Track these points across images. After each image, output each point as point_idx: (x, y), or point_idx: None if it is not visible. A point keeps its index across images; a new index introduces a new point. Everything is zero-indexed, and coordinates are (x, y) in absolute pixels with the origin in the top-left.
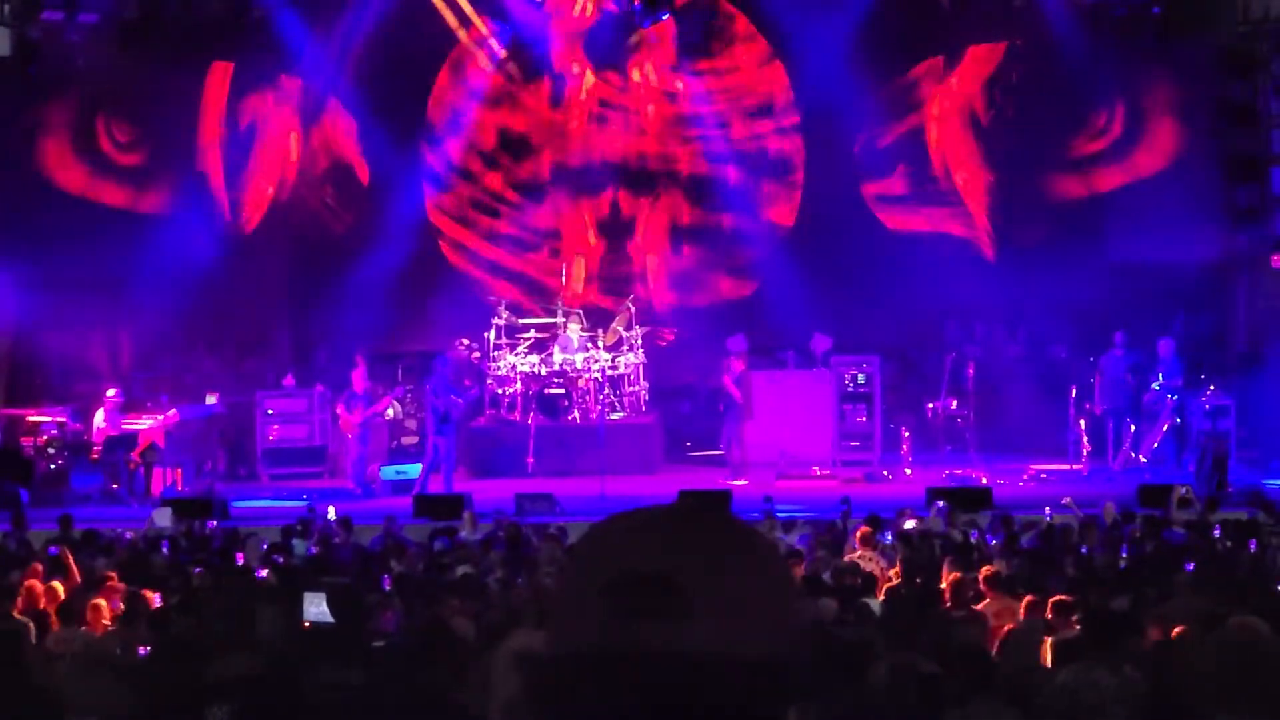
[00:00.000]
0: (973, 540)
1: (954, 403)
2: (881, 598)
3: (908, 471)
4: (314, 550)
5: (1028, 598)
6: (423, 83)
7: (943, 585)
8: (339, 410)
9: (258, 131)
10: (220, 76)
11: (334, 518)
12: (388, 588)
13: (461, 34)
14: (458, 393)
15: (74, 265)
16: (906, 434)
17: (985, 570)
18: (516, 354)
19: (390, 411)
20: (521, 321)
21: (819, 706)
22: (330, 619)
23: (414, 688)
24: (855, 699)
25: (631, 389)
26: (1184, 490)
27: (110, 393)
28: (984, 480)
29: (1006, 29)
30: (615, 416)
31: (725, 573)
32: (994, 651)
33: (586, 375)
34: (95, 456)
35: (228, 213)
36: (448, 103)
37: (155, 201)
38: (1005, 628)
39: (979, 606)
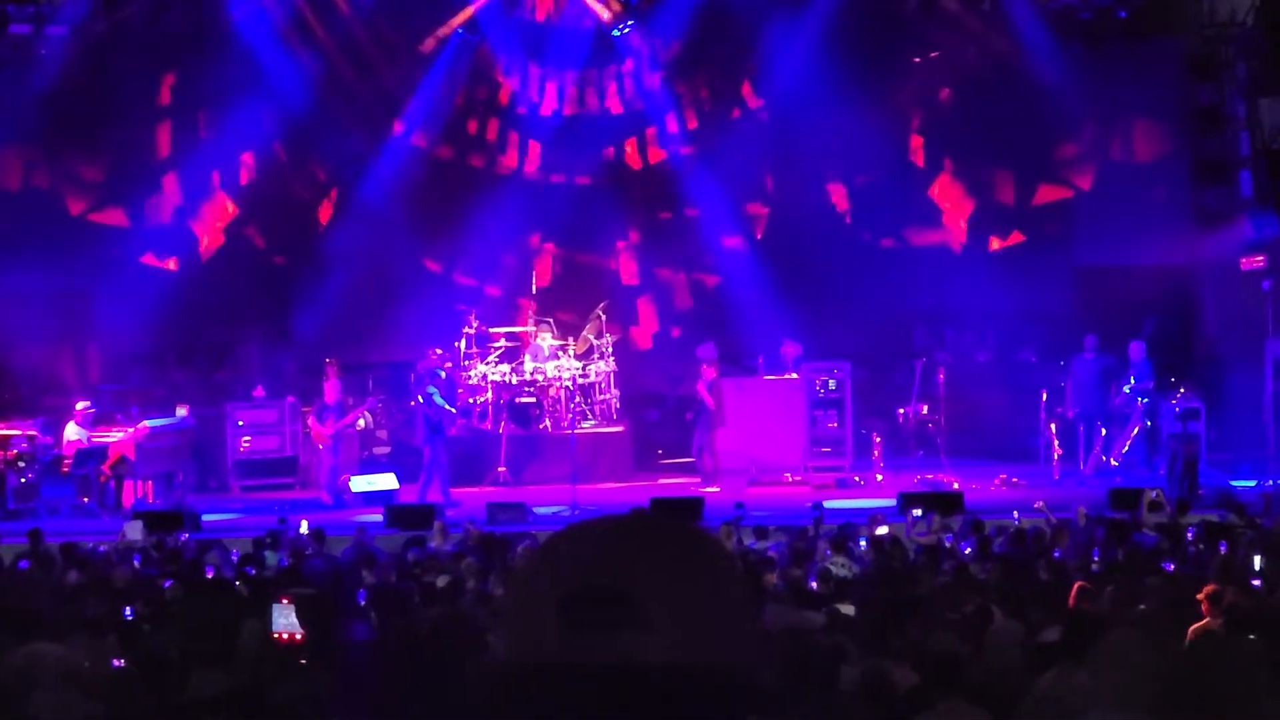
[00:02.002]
0: (946, 545)
1: (925, 408)
2: (853, 603)
3: (879, 477)
4: (286, 562)
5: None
6: (392, 91)
7: (917, 590)
8: (310, 422)
9: (217, 146)
10: (178, 89)
11: (306, 531)
12: (361, 598)
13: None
14: (449, 401)
15: (41, 278)
16: (878, 439)
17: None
18: (487, 363)
19: (361, 422)
20: (492, 330)
21: (791, 713)
22: (300, 630)
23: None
24: (826, 705)
25: (602, 397)
26: (1155, 493)
27: (80, 405)
28: (955, 485)
29: (973, 33)
30: (586, 425)
31: (682, 583)
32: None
33: (557, 384)
34: (66, 470)
35: (190, 228)
36: (416, 111)
37: (121, 214)
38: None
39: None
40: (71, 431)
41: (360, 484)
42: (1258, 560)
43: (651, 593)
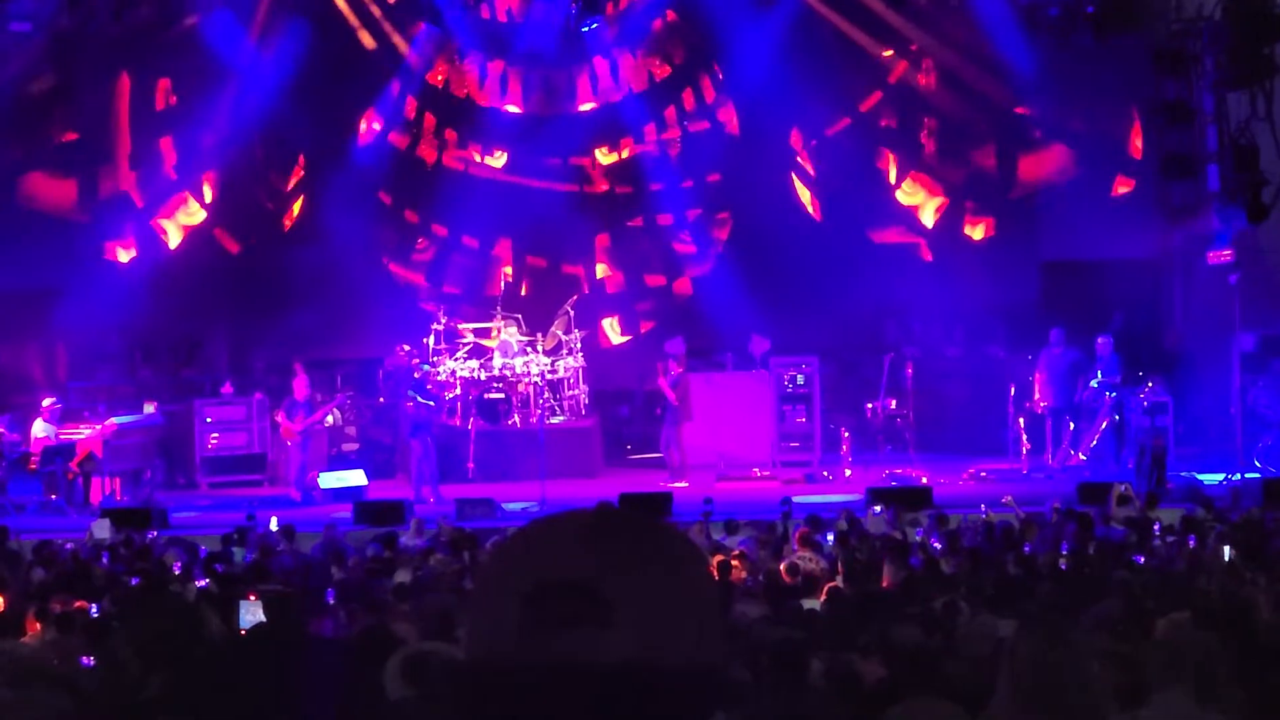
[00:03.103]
0: (917, 539)
1: (893, 402)
2: (822, 598)
3: (847, 472)
4: (253, 558)
5: None
6: (360, 89)
7: (884, 584)
8: (279, 418)
9: (183, 142)
10: (142, 86)
11: (276, 528)
12: (330, 594)
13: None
14: (430, 398)
15: (8, 275)
16: (846, 434)
17: None
18: (456, 359)
19: (330, 419)
20: (460, 326)
21: (757, 707)
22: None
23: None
24: (792, 699)
25: (571, 393)
26: (1123, 487)
27: (47, 402)
28: (924, 480)
29: (941, 28)
30: (555, 421)
31: (646, 579)
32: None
33: (526, 380)
34: (33, 467)
35: (156, 225)
36: (383, 109)
37: (88, 210)
38: None
39: None
40: (39, 428)
41: (329, 480)
42: (1227, 551)
43: (616, 588)
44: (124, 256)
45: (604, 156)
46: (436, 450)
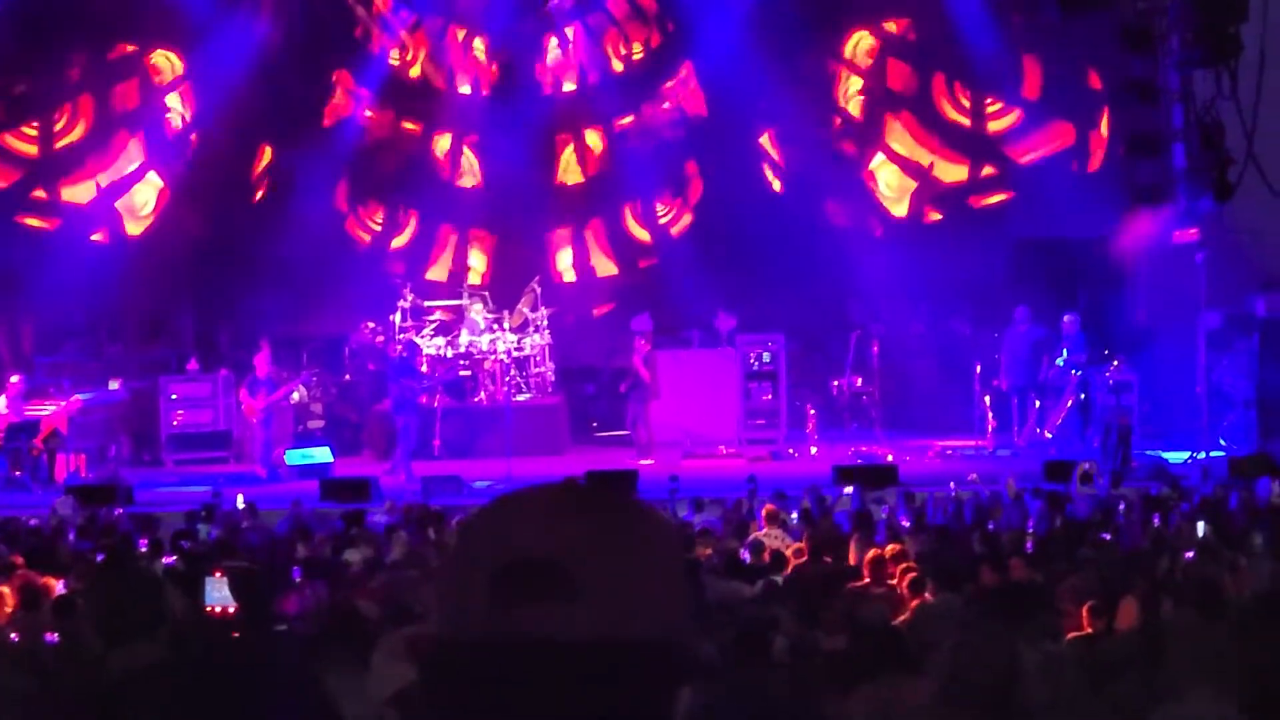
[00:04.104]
0: (882, 516)
1: (859, 380)
2: (787, 575)
3: (813, 450)
4: (219, 534)
5: None
6: (328, 68)
7: (850, 562)
8: (242, 395)
9: (148, 119)
10: (109, 61)
11: (242, 505)
12: (296, 571)
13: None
14: (414, 378)
15: None
16: (812, 412)
17: None
18: (422, 336)
19: (296, 395)
20: (427, 304)
21: (722, 684)
22: (233, 603)
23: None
24: (758, 675)
25: (537, 370)
26: (1088, 465)
27: (13, 379)
28: (890, 457)
29: (906, 6)
30: (522, 398)
31: (611, 553)
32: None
33: (492, 357)
34: None
35: (121, 202)
36: (352, 84)
37: (49, 188)
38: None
39: None
40: (3, 405)
41: (295, 457)
42: (1200, 527)
43: (583, 563)
44: (89, 234)
45: (570, 136)
46: (419, 429)
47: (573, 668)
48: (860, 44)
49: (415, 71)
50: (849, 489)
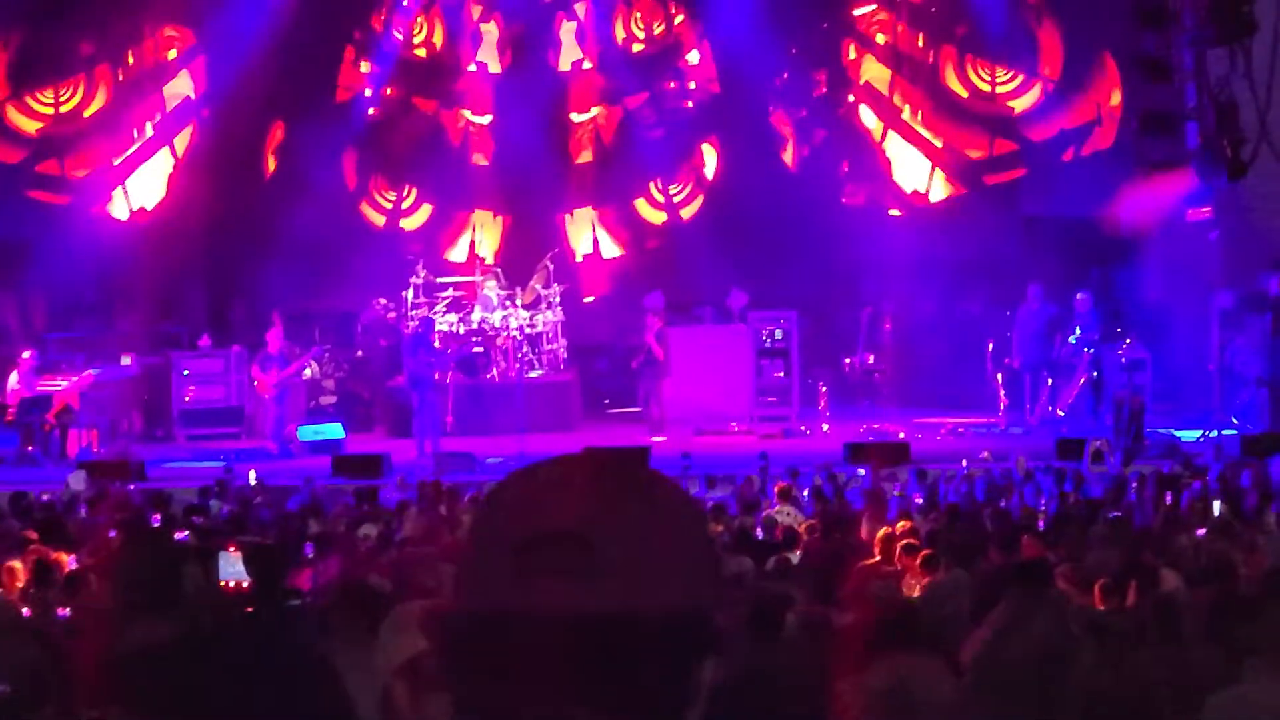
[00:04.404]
0: (894, 494)
1: (871, 358)
2: (799, 551)
3: (825, 427)
4: (231, 510)
5: None
6: (340, 40)
7: (861, 539)
8: (254, 371)
9: (162, 94)
10: (122, 37)
11: (254, 481)
12: (308, 547)
13: None
14: (431, 355)
15: None
16: (824, 389)
17: None
18: (435, 313)
19: (308, 371)
20: (439, 280)
21: (735, 659)
22: (247, 578)
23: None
24: (770, 652)
25: (550, 347)
26: (1100, 444)
27: (25, 355)
28: (901, 435)
29: None
30: (534, 374)
31: (635, 526)
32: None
33: (505, 333)
34: (10, 418)
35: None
36: (365, 60)
37: (61, 164)
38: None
39: None
40: (15, 380)
41: (307, 433)
42: (1217, 506)
43: (607, 536)
44: (102, 211)
45: (584, 112)
46: (436, 405)
47: (598, 641)
48: (874, 17)
49: (433, 44)
50: (862, 471)
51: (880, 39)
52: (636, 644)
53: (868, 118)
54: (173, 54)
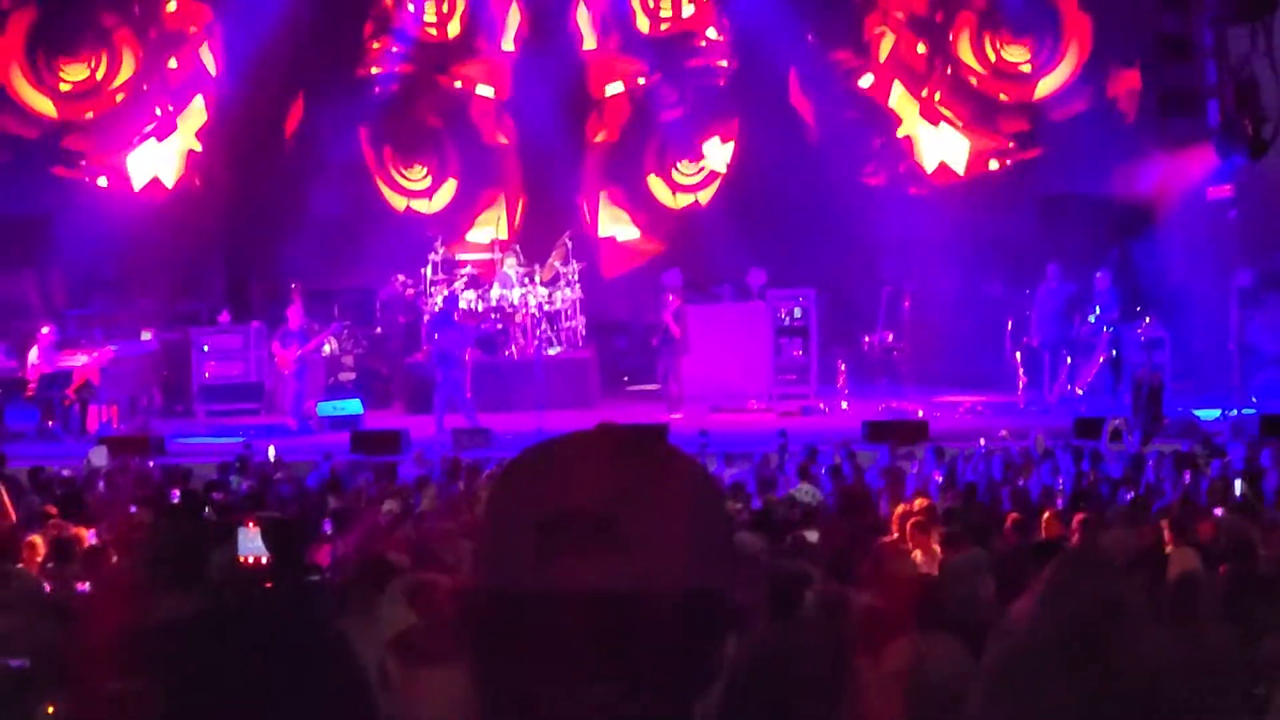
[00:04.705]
0: (912, 472)
1: (890, 336)
2: (818, 530)
3: (844, 405)
4: (251, 486)
5: None
6: (360, 17)
7: (880, 518)
8: (274, 347)
9: (180, 70)
10: (141, 13)
11: (274, 456)
12: (326, 523)
13: None
14: (457, 331)
15: (5, 202)
16: (842, 367)
17: None
18: (453, 290)
19: (327, 347)
20: (459, 257)
21: (753, 637)
22: (266, 554)
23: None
24: (788, 630)
25: (568, 324)
26: (1118, 422)
27: (45, 330)
28: (920, 413)
29: None
30: (552, 352)
31: (657, 503)
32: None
33: (523, 311)
34: (30, 394)
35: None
36: (385, 37)
37: (86, 139)
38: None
39: None
40: (35, 356)
41: (326, 409)
42: (1238, 485)
43: (631, 513)
44: (121, 186)
45: (603, 91)
46: (460, 381)
47: (622, 619)
48: None
49: (452, 22)
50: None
51: (899, 15)
52: (660, 621)
53: (888, 95)
54: (193, 29)
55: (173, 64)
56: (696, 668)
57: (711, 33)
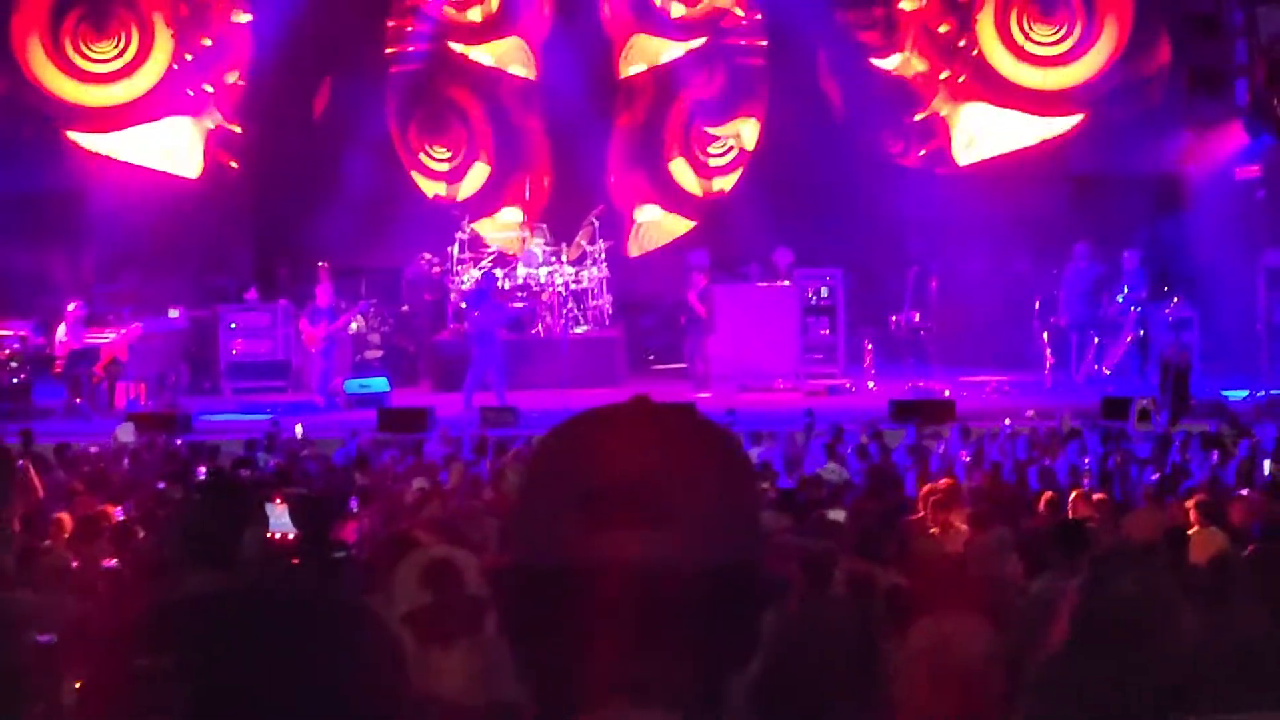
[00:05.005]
0: (938, 451)
1: (917, 315)
2: (844, 509)
3: (871, 384)
4: (278, 463)
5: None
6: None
7: (907, 496)
8: (302, 325)
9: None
10: None
11: (301, 434)
12: (353, 501)
13: None
14: (493, 309)
15: (34, 177)
16: (869, 347)
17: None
18: (480, 268)
19: (354, 325)
20: (485, 236)
21: (782, 615)
22: (293, 530)
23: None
24: (817, 609)
25: (595, 303)
26: (1146, 402)
27: (72, 306)
28: (947, 393)
29: None
30: (579, 330)
31: (699, 475)
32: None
33: (550, 289)
34: (58, 370)
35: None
36: (414, 16)
37: (114, 115)
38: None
39: None
40: (63, 332)
41: (353, 387)
42: (1267, 465)
43: (673, 486)
44: (149, 164)
45: (632, 68)
46: (495, 359)
47: (666, 593)
48: None
49: (477, 12)
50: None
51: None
52: (701, 594)
53: (915, 75)
54: (222, 8)
55: (206, 42)
56: (737, 640)
57: (740, 12)
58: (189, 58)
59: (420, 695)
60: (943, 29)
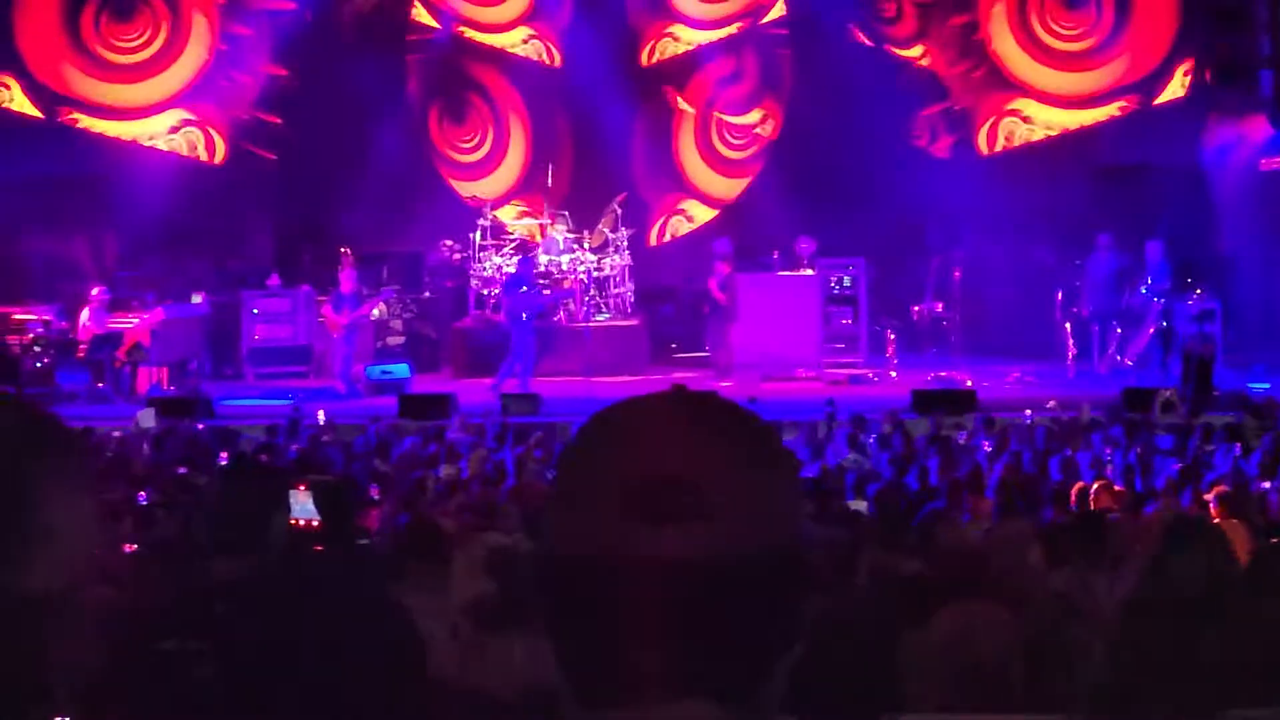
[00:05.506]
0: (960, 441)
1: (939, 305)
2: (866, 499)
3: (893, 374)
4: (300, 449)
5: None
6: None
7: (931, 486)
8: (325, 310)
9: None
10: None
11: (323, 420)
12: (374, 488)
13: None
14: (531, 295)
15: (57, 162)
16: (892, 336)
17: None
18: (502, 255)
19: (376, 312)
20: (508, 223)
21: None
22: (316, 517)
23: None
24: (840, 599)
25: (617, 291)
26: (1169, 393)
27: (95, 291)
28: (969, 383)
29: None
30: (601, 318)
31: (741, 467)
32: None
33: (572, 277)
34: (81, 355)
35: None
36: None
37: (137, 100)
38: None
39: None
40: (86, 317)
41: (374, 373)
42: None
43: (717, 478)
44: (173, 149)
45: (656, 54)
46: (530, 344)
47: (711, 584)
48: None
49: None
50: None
51: None
52: (747, 584)
53: (940, 64)
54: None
55: (224, 26)
56: (781, 629)
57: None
58: (224, 46)
59: (474, 685)
60: (957, 23)
